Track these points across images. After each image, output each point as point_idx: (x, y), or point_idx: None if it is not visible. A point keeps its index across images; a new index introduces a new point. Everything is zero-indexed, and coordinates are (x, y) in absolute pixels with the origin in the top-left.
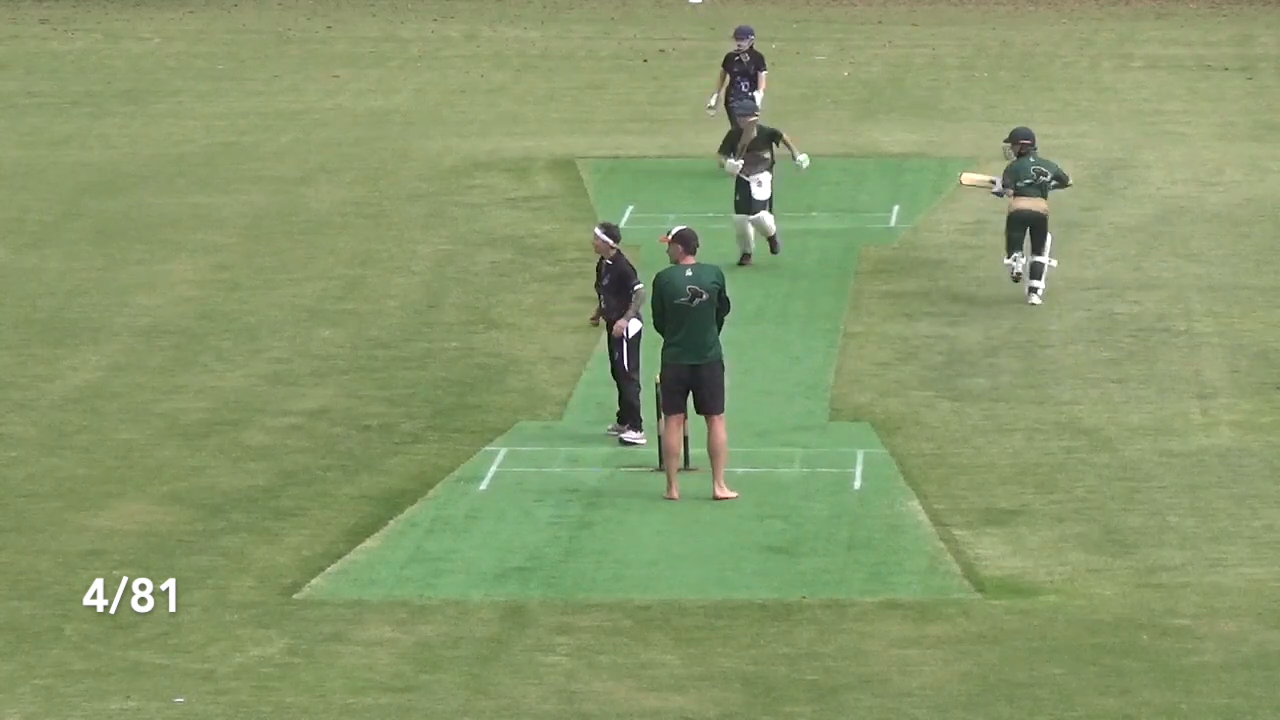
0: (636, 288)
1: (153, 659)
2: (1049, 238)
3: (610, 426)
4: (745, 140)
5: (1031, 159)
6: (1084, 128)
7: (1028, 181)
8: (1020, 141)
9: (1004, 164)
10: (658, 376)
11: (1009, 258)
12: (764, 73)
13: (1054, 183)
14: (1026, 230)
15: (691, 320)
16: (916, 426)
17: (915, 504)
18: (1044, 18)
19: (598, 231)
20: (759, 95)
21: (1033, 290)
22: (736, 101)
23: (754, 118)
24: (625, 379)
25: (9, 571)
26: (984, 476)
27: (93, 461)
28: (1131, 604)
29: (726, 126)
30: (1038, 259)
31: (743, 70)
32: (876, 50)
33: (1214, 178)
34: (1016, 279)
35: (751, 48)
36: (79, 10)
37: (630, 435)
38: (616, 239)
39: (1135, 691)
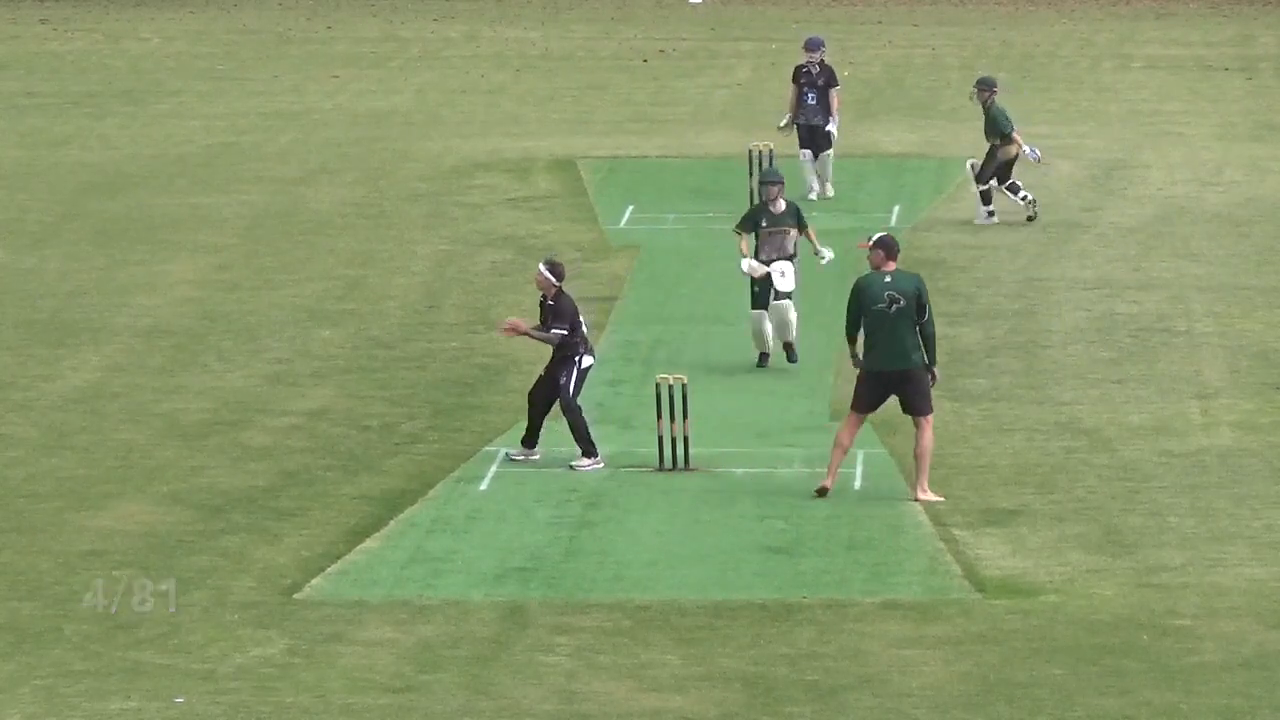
0: (556, 331)
1: (153, 659)
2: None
3: (515, 451)
4: (767, 218)
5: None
6: (1084, 128)
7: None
8: (990, 90)
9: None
10: (661, 374)
11: (1017, 196)
12: (836, 89)
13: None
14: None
15: (890, 326)
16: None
17: (915, 504)
18: (1044, 18)
19: (541, 268)
20: (833, 124)
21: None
22: (807, 120)
23: (779, 186)
24: (569, 410)
25: (9, 571)
26: (984, 476)
27: (93, 462)
28: (1131, 604)
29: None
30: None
31: (810, 82)
32: (876, 50)
33: (1214, 178)
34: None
35: (822, 60)
36: (79, 10)
37: (584, 464)
38: (560, 277)
39: (1135, 691)
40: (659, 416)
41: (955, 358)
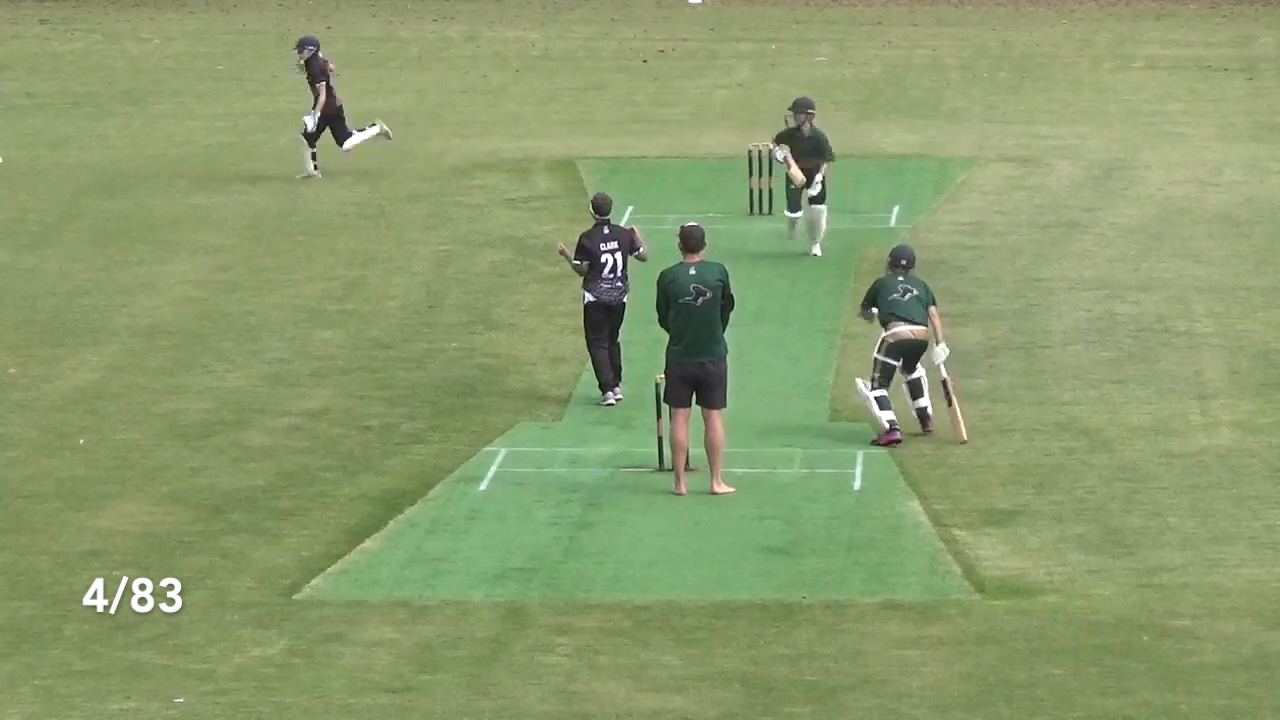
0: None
1: (153, 659)
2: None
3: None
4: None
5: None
6: (1084, 128)
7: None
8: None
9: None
10: (661, 374)
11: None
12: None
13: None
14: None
15: (697, 318)
16: (916, 426)
17: (915, 504)
18: (1044, 18)
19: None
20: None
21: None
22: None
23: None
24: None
25: (9, 571)
26: (984, 477)
27: (93, 462)
28: (1131, 604)
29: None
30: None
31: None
32: (876, 50)
33: (1214, 178)
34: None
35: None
36: (79, 10)
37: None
38: (598, 210)
39: (1135, 692)
40: (659, 416)
41: (955, 358)
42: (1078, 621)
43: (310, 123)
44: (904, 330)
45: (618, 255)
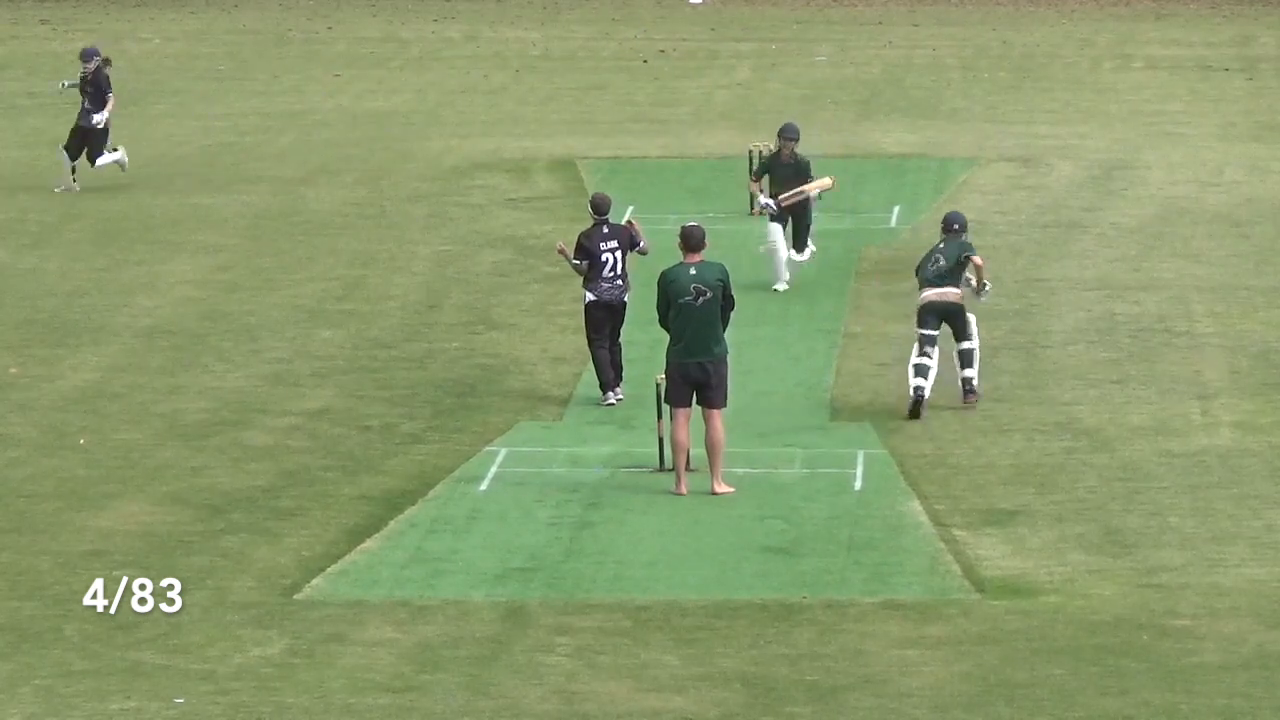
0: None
1: (153, 659)
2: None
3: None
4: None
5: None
6: (1084, 128)
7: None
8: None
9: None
10: (661, 374)
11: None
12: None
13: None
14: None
15: (697, 318)
16: (916, 427)
17: (915, 504)
18: (1044, 18)
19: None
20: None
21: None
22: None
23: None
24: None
25: (9, 571)
26: (984, 477)
27: (93, 462)
28: (1131, 604)
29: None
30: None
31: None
32: (877, 50)
33: (1214, 178)
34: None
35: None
36: (79, 10)
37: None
38: (596, 210)
39: (1135, 692)
40: (659, 417)
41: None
42: (1078, 621)
43: (101, 119)
44: (930, 294)
45: (617, 254)
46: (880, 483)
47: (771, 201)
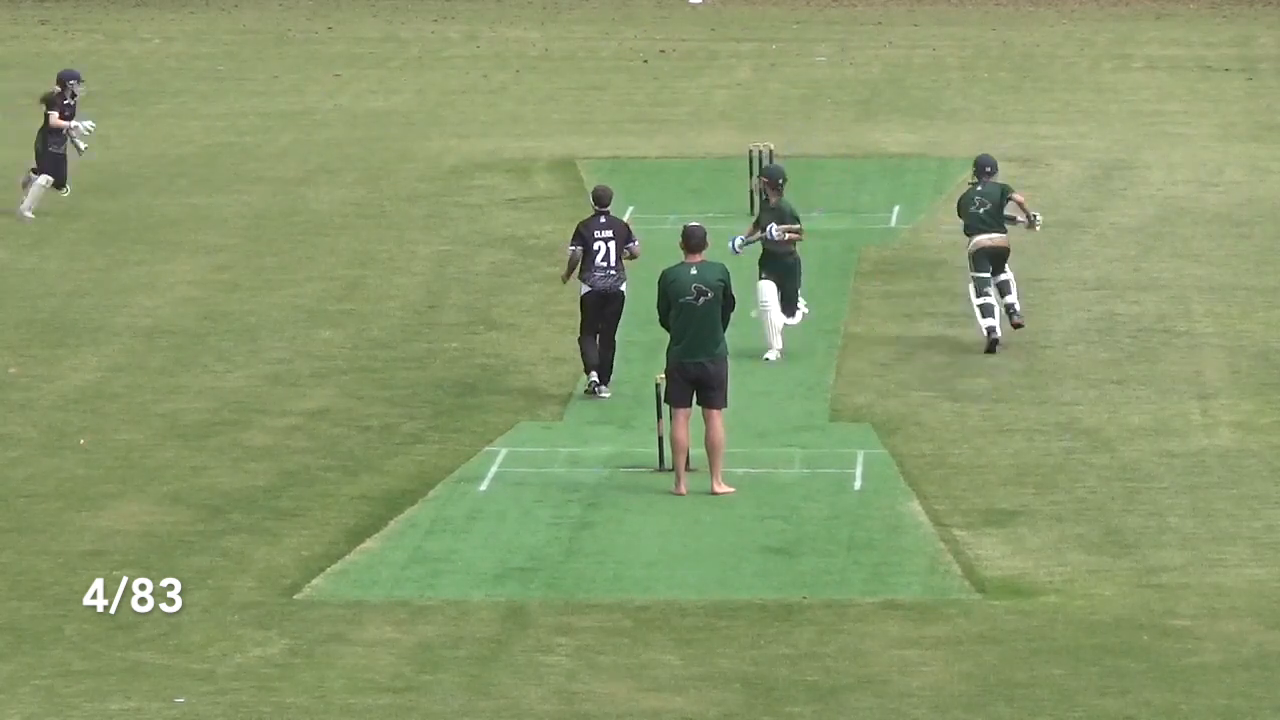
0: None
1: (153, 659)
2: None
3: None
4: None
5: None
6: (1084, 128)
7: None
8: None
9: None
10: (661, 374)
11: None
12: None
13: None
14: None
15: (698, 318)
16: (916, 427)
17: (915, 504)
18: (1044, 18)
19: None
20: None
21: None
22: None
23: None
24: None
25: (9, 571)
26: (984, 477)
27: (93, 462)
28: (1131, 604)
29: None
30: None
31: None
32: (877, 50)
33: (1214, 178)
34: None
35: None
36: (79, 10)
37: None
38: (597, 201)
39: (1135, 692)
40: (659, 417)
41: (955, 358)
42: (1078, 621)
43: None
44: (983, 239)
45: (611, 244)
46: (880, 483)
47: (774, 229)
